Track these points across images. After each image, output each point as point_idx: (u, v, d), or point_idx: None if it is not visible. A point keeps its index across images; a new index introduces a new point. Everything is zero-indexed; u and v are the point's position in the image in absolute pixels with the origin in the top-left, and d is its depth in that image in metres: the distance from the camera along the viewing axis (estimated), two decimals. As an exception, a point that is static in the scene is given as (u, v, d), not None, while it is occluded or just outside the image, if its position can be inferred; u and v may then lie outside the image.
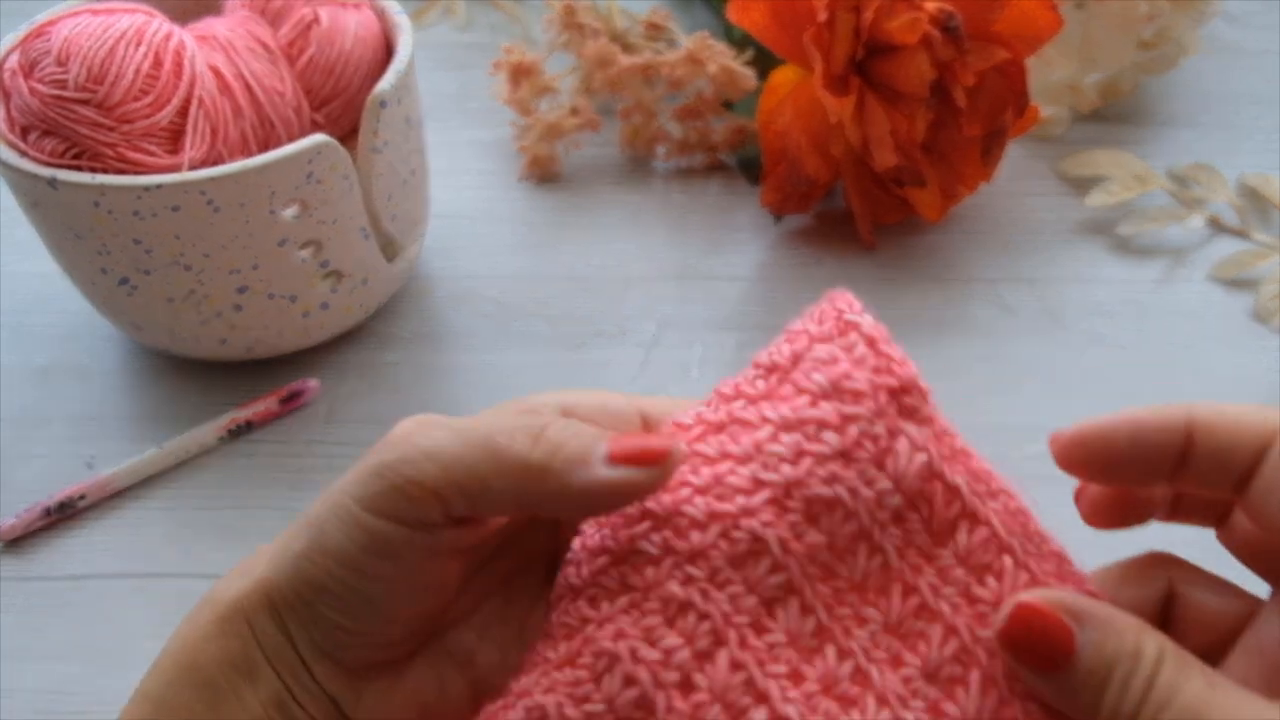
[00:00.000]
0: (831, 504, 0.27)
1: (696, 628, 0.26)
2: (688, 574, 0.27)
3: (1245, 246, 0.60)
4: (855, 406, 0.27)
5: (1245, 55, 0.76)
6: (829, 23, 0.55)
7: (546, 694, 0.26)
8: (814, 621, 0.27)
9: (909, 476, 0.27)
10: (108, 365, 0.55)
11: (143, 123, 0.46)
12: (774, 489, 0.27)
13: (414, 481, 0.27)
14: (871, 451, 0.27)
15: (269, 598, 0.29)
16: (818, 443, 0.27)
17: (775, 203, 0.60)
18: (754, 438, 0.28)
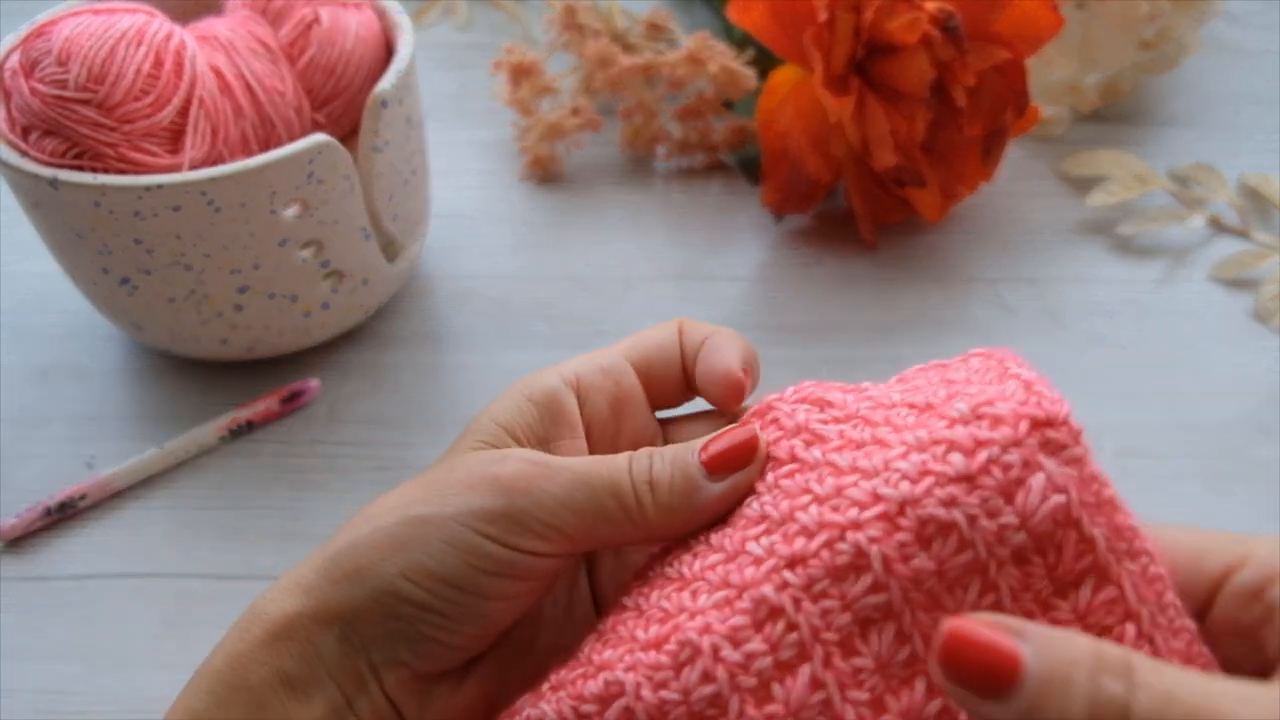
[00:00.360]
0: (946, 528, 0.25)
1: (783, 637, 0.26)
2: (785, 580, 0.26)
3: (1245, 246, 0.61)
4: (990, 432, 0.26)
5: (1245, 55, 0.76)
6: (829, 23, 0.55)
7: (628, 671, 0.27)
8: (909, 651, 0.26)
9: (1039, 516, 0.25)
10: (108, 365, 0.55)
11: (143, 123, 0.46)
12: (888, 504, 0.26)
13: (552, 527, 0.29)
14: (1000, 480, 0.25)
15: (339, 615, 0.29)
16: (943, 463, 0.26)
17: (776, 203, 0.60)
18: (885, 455, 0.27)
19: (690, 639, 0.26)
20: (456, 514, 0.29)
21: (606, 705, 0.27)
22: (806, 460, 0.29)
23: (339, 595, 0.29)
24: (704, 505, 0.29)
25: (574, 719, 0.27)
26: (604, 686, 0.27)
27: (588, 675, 0.27)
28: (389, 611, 0.29)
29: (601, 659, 0.28)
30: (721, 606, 0.27)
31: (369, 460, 0.51)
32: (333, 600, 0.29)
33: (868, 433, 0.28)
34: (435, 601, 0.29)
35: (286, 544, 0.47)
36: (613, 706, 0.26)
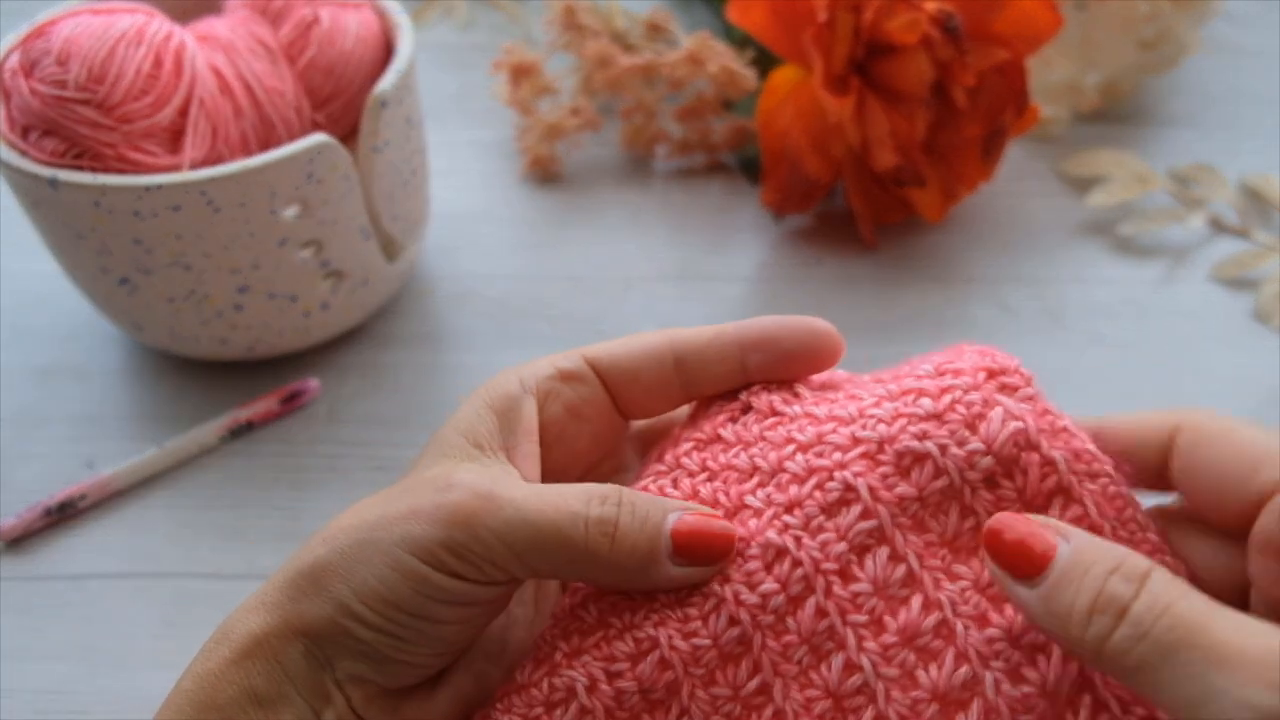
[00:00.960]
0: (921, 457, 0.29)
1: (791, 574, 0.28)
2: (785, 523, 0.29)
3: (1246, 247, 0.61)
4: (952, 380, 0.30)
5: (1245, 55, 0.76)
6: (829, 23, 0.55)
7: (658, 627, 0.29)
8: (904, 569, 0.28)
9: (1002, 441, 0.29)
10: (108, 365, 0.55)
11: (143, 123, 0.46)
12: (868, 444, 0.29)
13: (490, 561, 0.28)
14: (964, 415, 0.29)
15: (303, 632, 0.29)
16: (913, 407, 0.29)
17: (776, 203, 0.60)
18: (859, 405, 0.30)
19: (713, 590, 0.29)
20: (401, 541, 0.29)
21: (639, 660, 0.29)
22: (787, 414, 0.32)
23: (301, 612, 0.29)
24: (655, 580, 0.29)
25: (605, 679, 0.29)
26: (634, 644, 0.29)
27: (611, 638, 0.29)
28: (346, 631, 0.29)
29: (623, 621, 0.29)
30: (734, 559, 0.29)
31: (369, 460, 0.51)
32: (295, 617, 0.29)
33: (842, 392, 0.32)
34: (387, 625, 0.29)
35: (286, 544, 0.47)
36: (646, 660, 0.29)
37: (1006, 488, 0.29)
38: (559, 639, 0.30)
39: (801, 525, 0.29)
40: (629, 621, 0.29)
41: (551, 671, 0.29)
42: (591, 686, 0.29)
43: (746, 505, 0.30)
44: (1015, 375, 0.30)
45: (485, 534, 0.28)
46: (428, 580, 0.28)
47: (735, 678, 0.28)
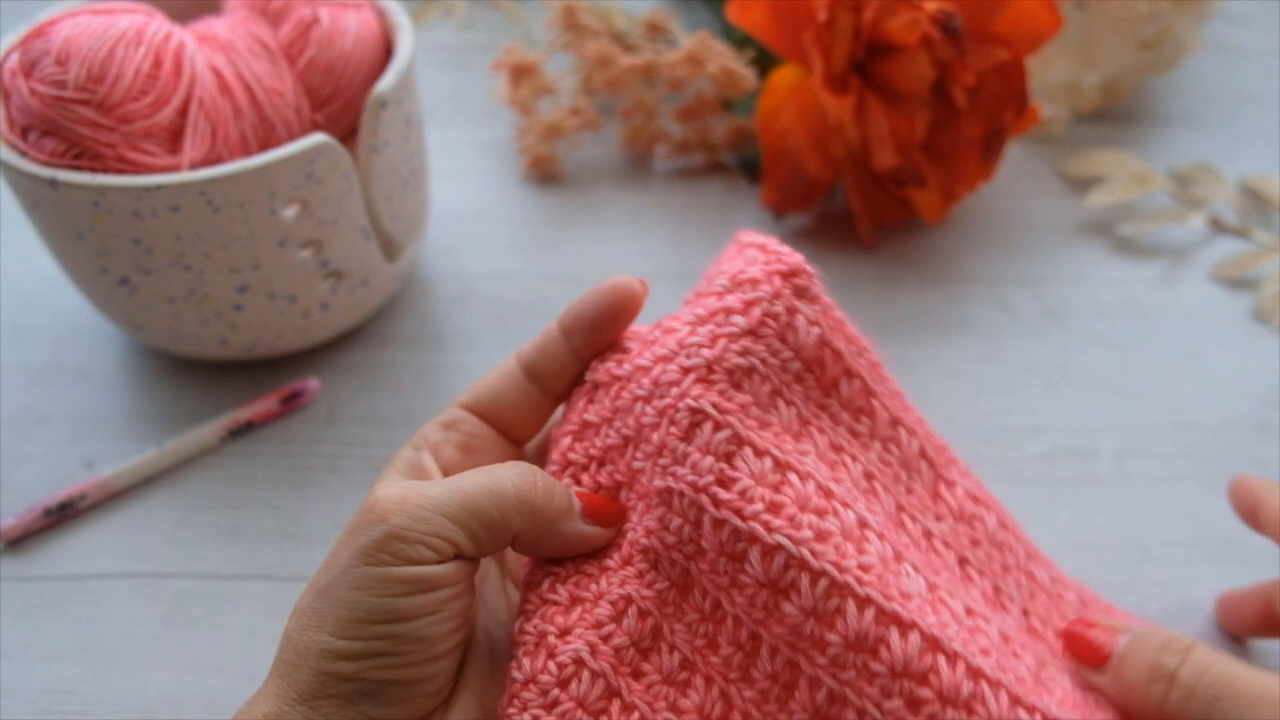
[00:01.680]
0: (749, 371, 0.33)
1: (685, 506, 0.32)
2: (661, 466, 0.33)
3: (1246, 246, 0.61)
4: (755, 292, 0.34)
5: (1245, 55, 0.76)
6: (829, 23, 0.55)
7: (624, 586, 0.33)
8: (770, 460, 0.32)
9: (807, 347, 0.34)
10: (108, 365, 0.55)
11: (143, 123, 0.46)
12: (698, 371, 0.33)
13: (433, 534, 0.31)
14: (775, 328, 0.34)
15: (299, 701, 0.30)
16: (729, 326, 0.33)
17: (776, 203, 0.60)
18: (676, 338, 0.34)
19: (645, 544, 0.33)
20: (350, 562, 0.30)
21: (621, 617, 0.32)
22: (623, 375, 0.35)
23: (293, 685, 0.30)
24: (572, 532, 0.33)
25: (601, 641, 0.32)
26: (611, 605, 0.32)
27: (588, 610, 0.32)
28: (335, 675, 0.30)
29: (592, 592, 0.33)
30: (644, 514, 0.33)
31: (369, 460, 0.51)
32: (290, 692, 0.30)
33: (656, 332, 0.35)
34: (370, 645, 0.30)
35: (286, 544, 0.47)
36: (627, 615, 0.32)
37: (809, 379, 0.34)
38: (544, 626, 0.32)
39: (672, 461, 0.32)
40: (598, 591, 0.33)
41: (551, 654, 0.31)
42: (594, 651, 0.31)
43: (635, 470, 0.34)
44: (803, 275, 0.35)
45: (421, 511, 0.31)
46: (385, 579, 0.30)
47: (696, 603, 0.32)
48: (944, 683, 0.29)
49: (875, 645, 0.29)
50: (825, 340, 0.34)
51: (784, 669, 0.31)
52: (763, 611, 0.31)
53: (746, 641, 0.32)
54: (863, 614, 0.30)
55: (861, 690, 0.30)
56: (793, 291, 0.34)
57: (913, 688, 0.29)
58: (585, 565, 0.33)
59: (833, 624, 0.30)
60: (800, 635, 0.30)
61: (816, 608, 0.30)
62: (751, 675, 0.32)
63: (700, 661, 0.32)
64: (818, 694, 0.31)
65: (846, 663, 0.30)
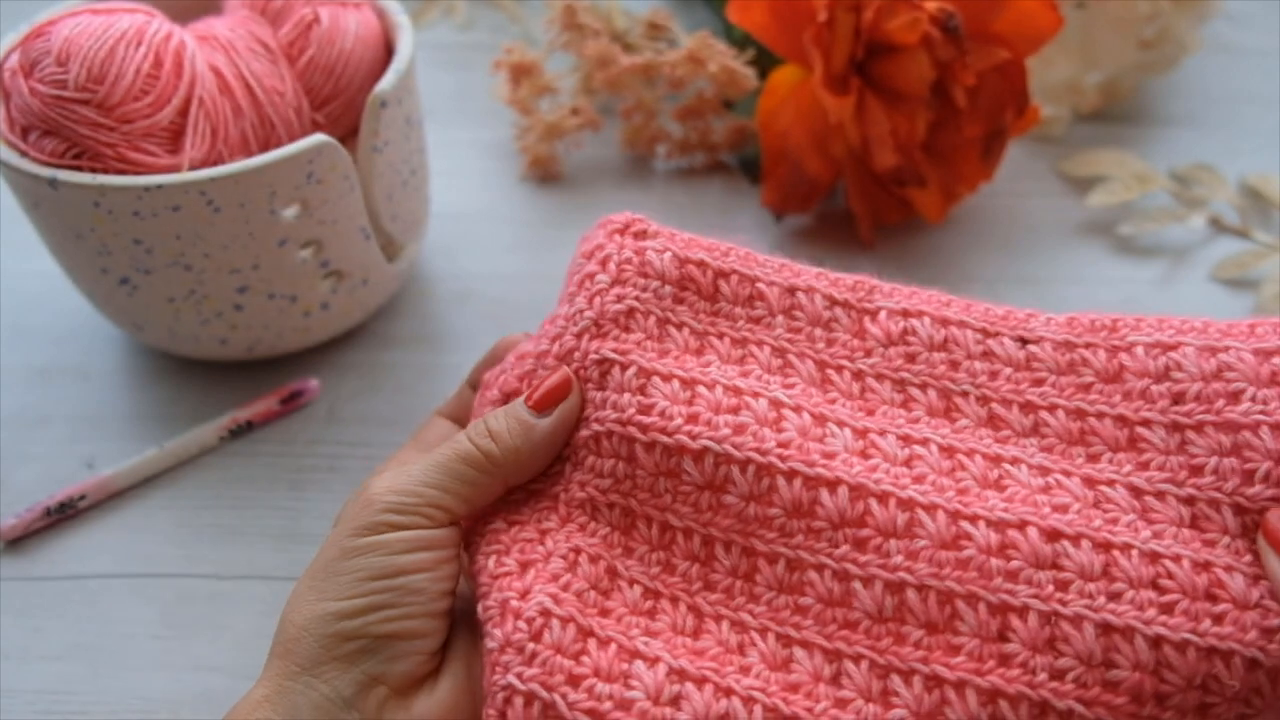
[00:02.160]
0: (629, 312, 0.37)
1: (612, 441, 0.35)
2: (582, 417, 0.36)
3: (1246, 246, 0.61)
4: (604, 251, 0.38)
5: (1245, 55, 0.76)
6: (829, 23, 0.55)
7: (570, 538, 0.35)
8: (677, 382, 0.36)
9: (668, 270, 0.38)
10: (108, 365, 0.55)
11: (143, 123, 0.46)
12: (588, 330, 0.37)
13: (426, 504, 0.34)
14: (632, 268, 0.38)
15: (299, 673, 0.32)
16: (597, 285, 0.38)
17: (776, 203, 0.60)
18: (561, 314, 0.38)
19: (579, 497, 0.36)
20: (352, 536, 0.33)
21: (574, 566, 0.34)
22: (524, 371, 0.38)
23: (293, 661, 0.32)
24: (541, 438, 0.36)
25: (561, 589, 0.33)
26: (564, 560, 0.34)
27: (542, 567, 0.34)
28: (338, 636, 0.32)
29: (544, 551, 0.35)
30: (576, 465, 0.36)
31: (369, 460, 0.51)
32: (290, 668, 0.32)
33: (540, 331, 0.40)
34: (372, 599, 0.32)
35: (286, 544, 0.47)
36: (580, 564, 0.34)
37: (690, 297, 0.38)
38: (504, 595, 0.34)
39: (593, 407, 0.36)
40: (546, 551, 0.35)
41: (517, 615, 0.33)
42: (556, 600, 0.33)
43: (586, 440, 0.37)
44: (636, 223, 0.39)
45: (410, 487, 0.34)
46: (384, 543, 0.33)
47: (643, 534, 0.35)
48: (879, 519, 0.33)
49: (811, 507, 0.33)
50: (682, 258, 0.38)
51: (741, 558, 0.34)
52: (709, 511, 0.34)
53: (700, 550, 0.35)
54: (792, 484, 0.33)
55: (813, 548, 0.33)
56: (634, 237, 0.39)
57: (854, 532, 0.33)
58: (524, 533, 0.36)
59: (770, 500, 0.34)
60: (746, 520, 0.34)
61: (752, 491, 0.34)
62: (712, 580, 0.34)
63: (661, 586, 0.34)
64: (776, 566, 0.34)
65: (792, 529, 0.33)
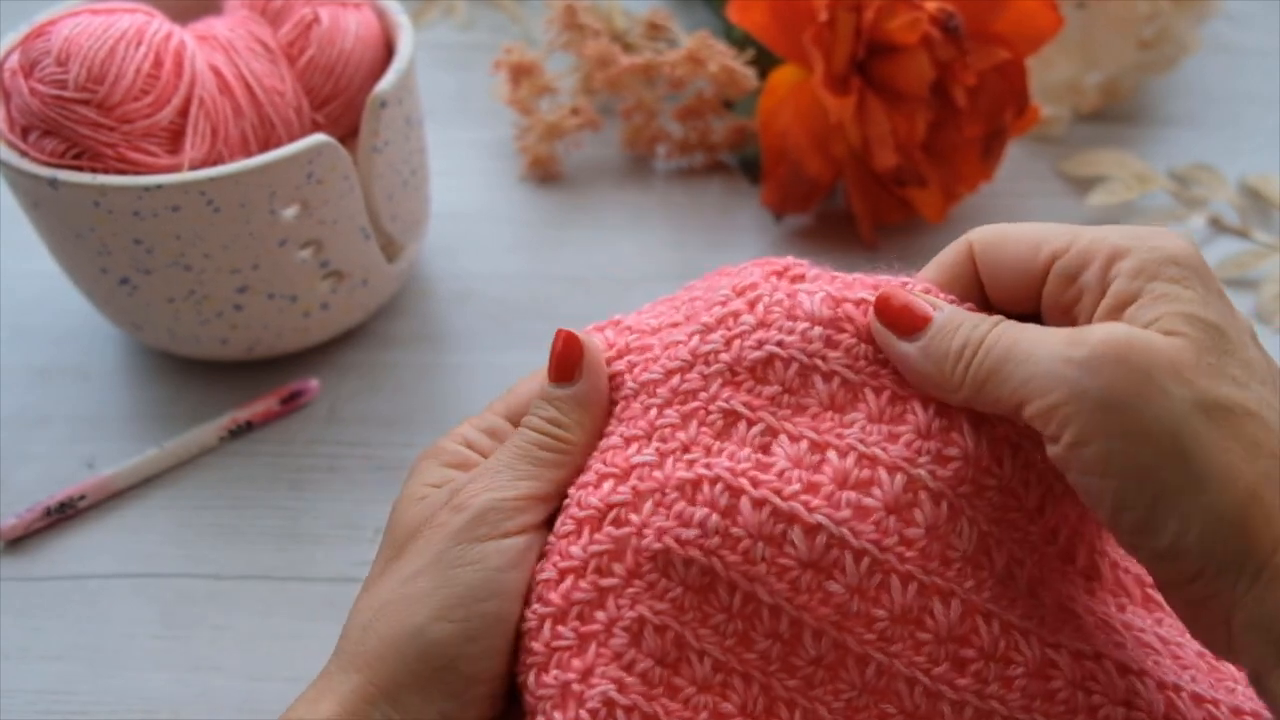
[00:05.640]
0: (769, 360, 0.33)
1: (714, 493, 0.31)
2: (688, 460, 0.32)
3: (1246, 246, 0.60)
4: (755, 291, 0.34)
5: (1245, 55, 0.76)
6: (829, 23, 0.55)
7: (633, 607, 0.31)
8: (806, 443, 0.32)
9: (820, 311, 0.33)
10: (108, 365, 0.55)
11: (143, 123, 0.46)
12: (721, 375, 0.33)
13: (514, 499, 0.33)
14: (780, 309, 0.33)
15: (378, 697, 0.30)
16: (739, 326, 0.33)
17: (776, 203, 0.60)
18: (688, 347, 0.34)
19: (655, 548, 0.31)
20: (450, 543, 0.32)
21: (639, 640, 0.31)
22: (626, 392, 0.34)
23: (374, 679, 0.30)
24: (590, 400, 0.34)
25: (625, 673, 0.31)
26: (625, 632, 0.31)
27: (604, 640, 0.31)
28: (429, 664, 0.30)
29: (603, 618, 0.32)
30: (657, 508, 0.32)
31: (369, 460, 0.51)
32: (369, 688, 0.30)
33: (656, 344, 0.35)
34: (468, 628, 0.31)
35: (286, 544, 0.47)
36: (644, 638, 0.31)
37: (845, 339, 0.33)
38: (564, 676, 0.31)
39: (704, 454, 0.32)
40: (608, 618, 0.31)
41: (580, 702, 0.31)
42: (621, 687, 0.31)
43: (637, 464, 0.32)
44: (796, 266, 0.35)
45: (495, 489, 0.33)
46: (489, 552, 0.32)
47: (722, 601, 0.31)
48: (984, 640, 0.30)
49: (920, 616, 0.30)
50: (838, 298, 0.33)
51: (829, 650, 0.31)
52: (807, 593, 0.30)
53: (786, 630, 0.31)
54: (906, 589, 0.30)
55: (911, 660, 0.30)
56: (788, 280, 0.34)
57: (957, 649, 0.30)
58: (580, 589, 0.32)
59: (879, 600, 0.30)
60: (847, 614, 0.30)
61: (861, 585, 0.30)
62: (792, 663, 0.31)
63: (734, 660, 0.31)
64: (866, 669, 0.31)
65: (894, 636, 0.30)
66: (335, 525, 0.48)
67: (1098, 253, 0.30)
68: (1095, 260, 0.30)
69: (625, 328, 0.36)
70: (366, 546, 0.47)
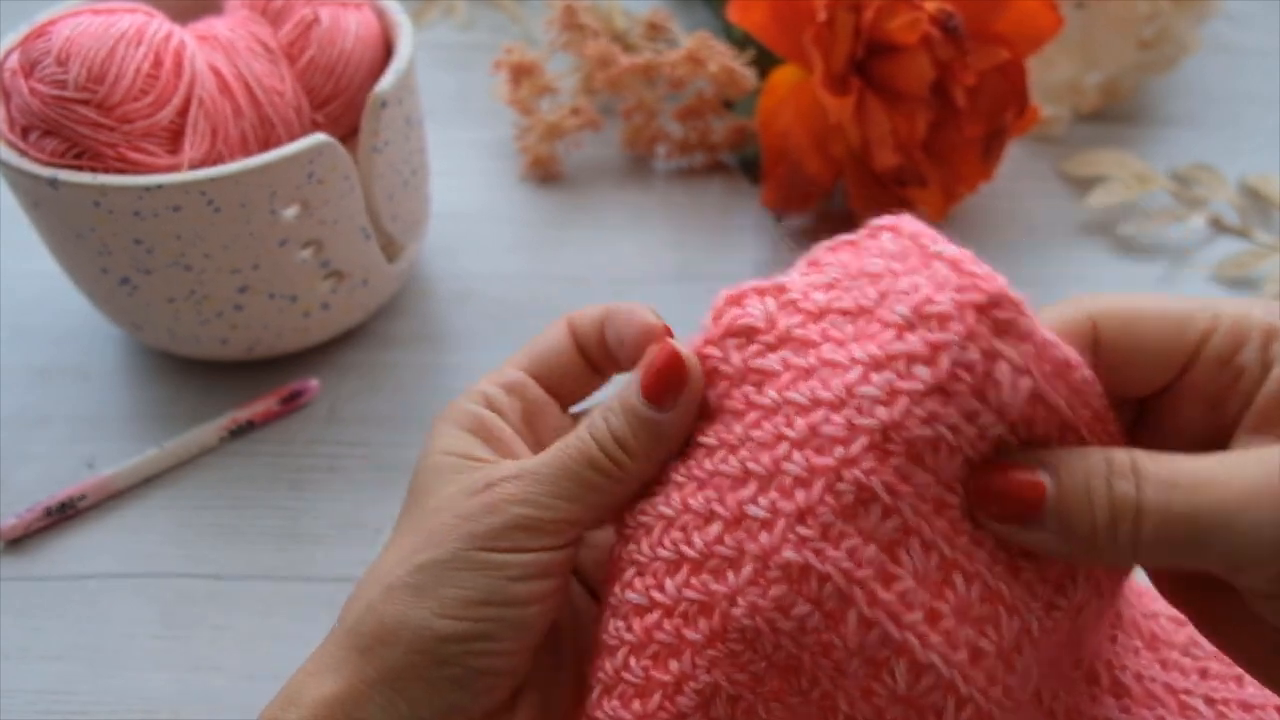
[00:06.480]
0: (935, 443, 0.26)
1: (821, 590, 0.26)
2: (800, 535, 0.26)
3: (1246, 246, 0.60)
4: (943, 333, 0.26)
5: (1245, 55, 0.76)
6: (829, 23, 0.55)
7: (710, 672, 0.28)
8: (937, 556, 0.27)
9: (1012, 403, 0.26)
10: (108, 365, 0.55)
11: (143, 123, 0.46)
12: (871, 434, 0.26)
13: (554, 521, 0.30)
14: (969, 382, 0.26)
15: (379, 682, 0.29)
16: (910, 379, 0.26)
17: (776, 203, 0.60)
18: (844, 380, 0.27)
19: (745, 625, 0.27)
20: (468, 544, 0.29)
21: (708, 705, 0.28)
22: (765, 404, 0.28)
23: (375, 663, 0.29)
24: (670, 434, 0.30)
25: None
26: (695, 695, 0.28)
27: (670, 695, 0.28)
28: (433, 657, 0.29)
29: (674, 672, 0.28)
30: (756, 581, 0.27)
31: (369, 460, 0.51)
32: (369, 670, 0.29)
33: (811, 356, 0.28)
34: (477, 627, 0.29)
35: (286, 544, 0.47)
36: (716, 702, 0.28)
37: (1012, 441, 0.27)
38: (621, 714, 0.29)
39: (819, 535, 0.26)
40: (680, 672, 0.28)
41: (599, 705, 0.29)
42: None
43: (749, 515, 0.27)
44: (1006, 305, 0.27)
45: (540, 498, 0.30)
46: (507, 564, 0.29)
47: (800, 685, 0.27)
48: None
49: None
50: (1038, 394, 0.26)
51: None
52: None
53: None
54: None
55: None
56: (992, 329, 0.26)
57: None
58: (662, 630, 0.29)
59: None
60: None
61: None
62: None
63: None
64: None
65: None
66: (335, 525, 0.48)
67: (1249, 330, 0.26)
68: (1251, 339, 0.26)
69: (790, 302, 0.30)
70: (366, 546, 0.47)
